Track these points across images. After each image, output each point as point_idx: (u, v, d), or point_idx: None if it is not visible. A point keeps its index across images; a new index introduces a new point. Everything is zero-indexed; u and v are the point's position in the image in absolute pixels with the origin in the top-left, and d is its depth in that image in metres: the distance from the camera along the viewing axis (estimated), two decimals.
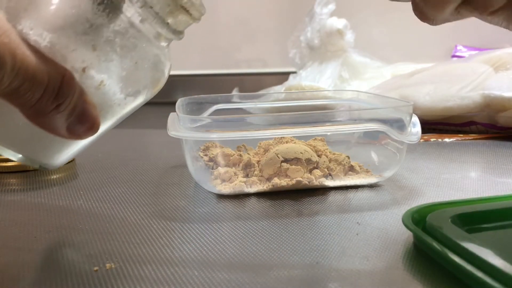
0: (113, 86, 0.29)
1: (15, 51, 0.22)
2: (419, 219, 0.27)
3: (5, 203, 0.36)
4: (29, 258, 0.26)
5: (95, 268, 0.25)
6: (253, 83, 0.99)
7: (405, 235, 0.28)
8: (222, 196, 0.36)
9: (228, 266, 0.25)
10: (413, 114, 0.37)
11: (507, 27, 0.25)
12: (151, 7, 0.28)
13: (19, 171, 0.45)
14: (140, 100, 0.33)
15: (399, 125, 0.36)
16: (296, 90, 0.76)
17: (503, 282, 0.20)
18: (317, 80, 0.79)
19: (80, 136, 0.27)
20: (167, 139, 0.39)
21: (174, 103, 0.40)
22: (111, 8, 0.27)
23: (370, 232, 0.29)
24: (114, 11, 0.27)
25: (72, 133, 0.27)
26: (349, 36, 0.83)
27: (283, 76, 0.90)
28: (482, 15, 0.25)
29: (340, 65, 0.82)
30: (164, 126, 0.38)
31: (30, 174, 0.45)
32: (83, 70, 0.27)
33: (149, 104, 0.37)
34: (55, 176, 0.44)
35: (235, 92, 0.86)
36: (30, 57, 0.23)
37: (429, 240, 0.24)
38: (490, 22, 0.26)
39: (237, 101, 0.50)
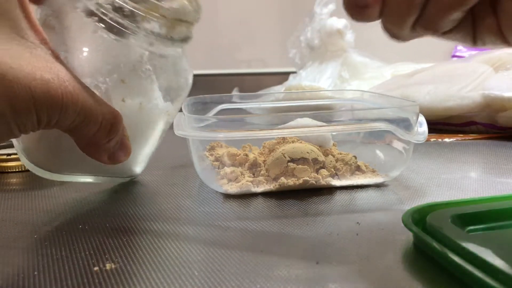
0: (151, 102, 0.34)
1: (77, 97, 0.27)
2: (419, 219, 0.27)
3: (5, 203, 0.36)
4: (29, 258, 0.26)
5: (95, 268, 0.25)
6: (253, 83, 0.99)
7: (405, 235, 0.28)
8: (228, 196, 0.36)
9: (228, 266, 0.25)
10: (420, 114, 0.37)
11: (463, 45, 0.26)
12: (152, 32, 0.31)
13: (19, 171, 0.45)
14: (179, 102, 0.37)
15: (406, 124, 0.36)
16: (296, 90, 0.77)
17: (503, 282, 0.20)
18: (317, 80, 0.79)
19: (117, 161, 0.32)
20: (169, 138, 0.39)
21: None
22: (121, 45, 0.31)
23: (370, 232, 0.29)
24: (125, 46, 0.31)
25: (112, 160, 0.32)
26: (349, 36, 0.83)
27: (283, 76, 0.90)
28: (434, 35, 0.26)
29: (340, 65, 0.82)
30: None
31: (30, 174, 0.45)
32: (122, 100, 0.32)
33: None
34: None
35: (235, 92, 0.86)
36: (88, 101, 0.27)
37: (429, 240, 0.24)
38: (446, 40, 0.26)
39: (243, 101, 0.50)
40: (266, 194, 0.37)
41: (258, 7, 1.05)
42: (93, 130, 0.29)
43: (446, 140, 0.57)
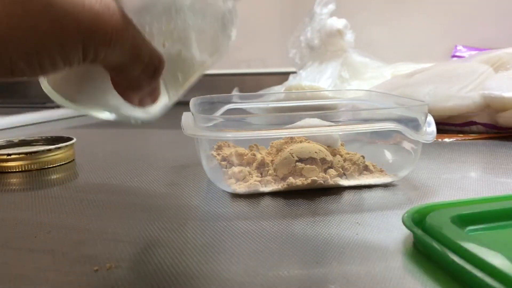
0: (191, 51, 0.32)
1: (127, 33, 0.25)
2: (419, 219, 0.27)
3: (5, 203, 0.36)
4: (29, 258, 0.26)
5: (95, 268, 0.25)
6: (253, 83, 0.99)
7: (405, 235, 0.28)
8: (235, 195, 0.36)
9: (227, 266, 0.25)
10: (428, 114, 0.37)
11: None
12: None
13: (19, 171, 0.45)
14: (214, 59, 0.35)
15: (414, 124, 0.36)
16: (296, 90, 0.77)
17: (503, 282, 0.20)
18: (317, 80, 0.79)
19: (145, 106, 0.31)
20: (169, 138, 0.39)
21: None
22: None
23: (370, 232, 0.29)
24: None
25: (141, 104, 0.30)
26: (349, 36, 0.83)
27: (283, 76, 0.90)
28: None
29: (340, 65, 0.82)
30: (165, 125, 0.38)
31: (30, 174, 0.45)
32: (163, 44, 0.30)
33: None
34: (55, 176, 0.44)
35: (235, 92, 0.86)
36: (137, 39, 0.26)
37: (429, 240, 0.24)
38: None
39: (243, 101, 0.50)
40: (274, 194, 0.37)
41: (258, 7, 1.05)
42: (138, 71, 0.27)
43: (446, 140, 0.57)
